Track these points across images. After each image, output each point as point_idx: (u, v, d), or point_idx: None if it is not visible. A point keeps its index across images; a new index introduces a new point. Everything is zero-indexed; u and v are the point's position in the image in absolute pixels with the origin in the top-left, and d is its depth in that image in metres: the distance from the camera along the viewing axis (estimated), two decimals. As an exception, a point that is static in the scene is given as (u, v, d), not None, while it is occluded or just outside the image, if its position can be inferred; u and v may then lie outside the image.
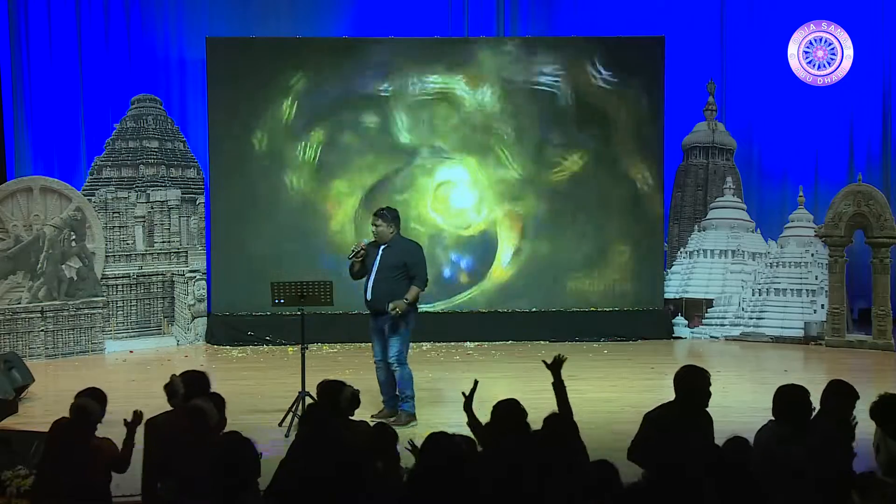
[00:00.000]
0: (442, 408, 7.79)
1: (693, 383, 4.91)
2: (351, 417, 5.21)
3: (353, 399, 5.16)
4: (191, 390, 5.17)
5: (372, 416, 7.28)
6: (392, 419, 7.21)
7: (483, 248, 12.10)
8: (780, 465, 4.48)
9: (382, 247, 7.54)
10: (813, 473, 4.44)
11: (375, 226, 7.57)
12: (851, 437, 4.82)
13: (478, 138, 12.03)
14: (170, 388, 5.20)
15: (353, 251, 7.57)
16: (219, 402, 4.97)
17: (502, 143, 12.04)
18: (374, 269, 7.49)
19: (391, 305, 7.33)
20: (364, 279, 7.56)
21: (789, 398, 4.78)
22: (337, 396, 5.13)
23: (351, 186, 11.99)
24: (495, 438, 4.62)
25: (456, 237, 12.09)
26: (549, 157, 12.06)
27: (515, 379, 9.55)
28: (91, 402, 4.89)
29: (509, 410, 4.68)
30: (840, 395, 4.96)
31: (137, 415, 5.00)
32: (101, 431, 4.95)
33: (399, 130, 11.98)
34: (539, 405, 4.87)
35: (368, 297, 7.50)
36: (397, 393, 7.56)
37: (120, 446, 4.90)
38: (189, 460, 4.61)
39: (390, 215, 7.59)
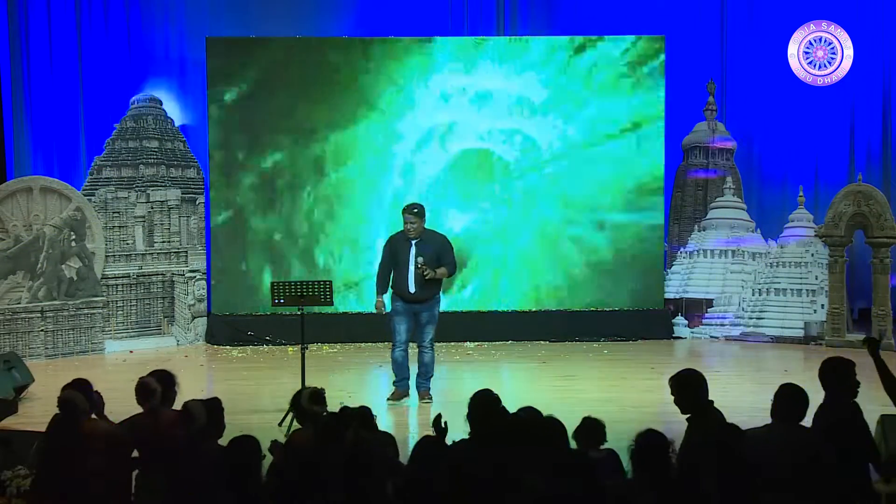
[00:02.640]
0: (442, 408, 7.78)
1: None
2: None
3: (314, 397, 5.02)
4: (166, 390, 5.20)
5: (388, 400, 8.09)
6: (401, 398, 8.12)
7: (482, 247, 12.10)
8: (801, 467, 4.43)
9: (414, 241, 7.98)
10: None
11: (411, 223, 7.96)
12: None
13: (474, 138, 12.03)
14: (147, 389, 5.19)
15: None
16: (216, 404, 4.95)
17: (501, 143, 12.03)
18: (412, 263, 7.94)
19: (429, 271, 7.88)
20: (397, 272, 8.04)
21: (792, 398, 4.71)
22: (298, 402, 5.06)
23: (352, 185, 12.00)
24: (474, 429, 4.62)
25: (454, 235, 12.08)
26: (548, 157, 12.06)
27: (516, 379, 9.55)
28: (75, 393, 4.90)
29: (483, 400, 4.70)
30: (838, 370, 4.95)
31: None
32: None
33: (399, 129, 11.98)
34: (540, 405, 4.86)
35: (412, 290, 7.95)
36: (424, 372, 8.12)
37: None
38: (186, 462, 4.61)
39: (421, 211, 8.05)
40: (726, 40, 12.95)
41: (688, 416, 4.83)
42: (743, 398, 8.21)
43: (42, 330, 10.84)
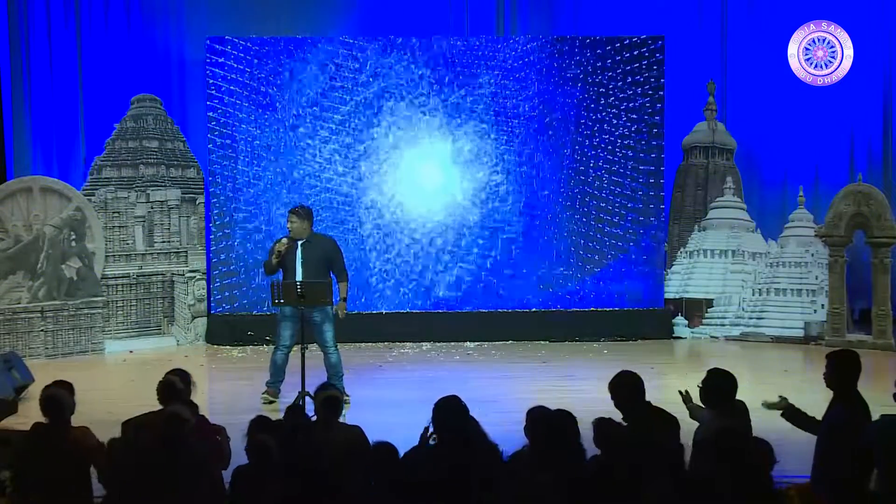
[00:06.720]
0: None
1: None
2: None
3: (329, 401, 5.03)
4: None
5: (262, 395, 8.11)
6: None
7: (482, 247, 12.10)
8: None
9: (300, 242, 7.91)
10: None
11: (292, 222, 7.95)
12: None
13: (475, 137, 12.03)
14: (172, 386, 5.14)
15: (277, 250, 7.92)
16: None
17: (502, 142, 12.04)
18: (299, 265, 7.86)
19: (340, 313, 7.99)
20: (285, 275, 7.90)
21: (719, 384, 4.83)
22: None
23: (350, 185, 12.00)
24: (440, 434, 4.64)
25: (454, 234, 12.08)
26: (548, 157, 12.06)
27: (516, 379, 9.55)
28: (62, 392, 4.82)
29: (450, 407, 4.68)
30: (844, 365, 4.95)
31: None
32: (100, 434, 4.93)
33: (396, 129, 11.98)
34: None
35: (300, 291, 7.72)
36: (333, 374, 8.05)
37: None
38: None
39: (304, 212, 8.02)
40: (726, 40, 12.92)
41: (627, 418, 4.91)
42: (742, 398, 8.20)
43: (42, 330, 10.84)
